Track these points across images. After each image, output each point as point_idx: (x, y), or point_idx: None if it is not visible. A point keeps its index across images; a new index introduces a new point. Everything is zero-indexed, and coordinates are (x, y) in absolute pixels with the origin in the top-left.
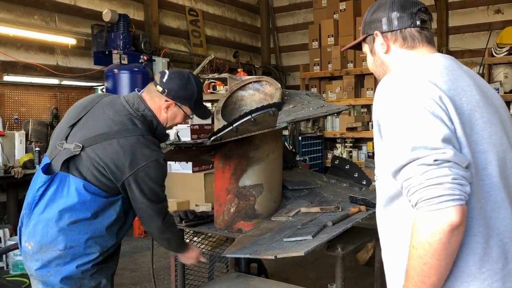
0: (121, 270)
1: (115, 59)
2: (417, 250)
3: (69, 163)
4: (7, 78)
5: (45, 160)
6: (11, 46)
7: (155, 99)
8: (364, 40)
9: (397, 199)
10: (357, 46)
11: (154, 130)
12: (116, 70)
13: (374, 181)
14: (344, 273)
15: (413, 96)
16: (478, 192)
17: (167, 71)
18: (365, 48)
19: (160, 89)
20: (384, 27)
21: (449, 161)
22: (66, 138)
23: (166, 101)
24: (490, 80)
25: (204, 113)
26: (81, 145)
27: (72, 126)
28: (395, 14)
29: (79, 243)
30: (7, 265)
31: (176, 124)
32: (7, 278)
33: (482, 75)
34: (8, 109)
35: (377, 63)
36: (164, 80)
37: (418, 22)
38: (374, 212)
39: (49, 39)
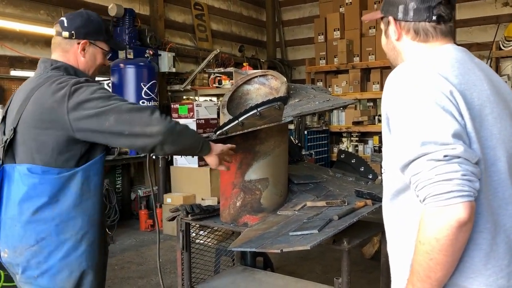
0: (127, 264)
1: (121, 54)
2: (424, 246)
3: (11, 152)
4: (14, 73)
5: None
6: (18, 41)
7: (66, 49)
8: (381, 18)
9: (404, 192)
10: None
11: (76, 77)
12: (122, 65)
13: (381, 174)
14: (350, 267)
15: (423, 90)
16: (486, 189)
17: (63, 17)
18: (381, 25)
19: (67, 33)
20: (399, 15)
21: (459, 157)
22: (4, 134)
23: (78, 43)
24: (498, 73)
25: (119, 44)
26: (12, 128)
27: (2, 121)
28: (412, 5)
29: (49, 232)
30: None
31: (99, 66)
32: None
33: (491, 69)
34: None
35: (390, 47)
36: (66, 24)
37: (434, 17)
38: (380, 206)
39: None
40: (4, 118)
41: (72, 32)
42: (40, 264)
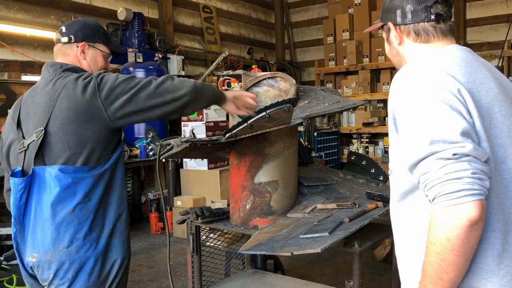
0: (138, 267)
1: (130, 58)
2: (434, 246)
3: (41, 155)
4: (25, 78)
5: (15, 169)
6: (29, 46)
7: (66, 53)
8: (382, 27)
9: (412, 193)
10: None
11: None
12: (131, 69)
13: (389, 175)
14: (361, 270)
15: (430, 89)
16: (497, 187)
17: (62, 26)
18: (383, 34)
19: (66, 38)
20: (398, 20)
21: (468, 155)
22: (23, 138)
23: (77, 46)
24: (510, 73)
25: (119, 47)
26: (42, 128)
27: (18, 126)
28: (409, 7)
29: (84, 231)
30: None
31: (101, 69)
32: None
33: (502, 68)
34: None
35: (393, 53)
36: (64, 30)
37: (432, 17)
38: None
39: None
40: (19, 124)
41: (71, 36)
42: (74, 264)
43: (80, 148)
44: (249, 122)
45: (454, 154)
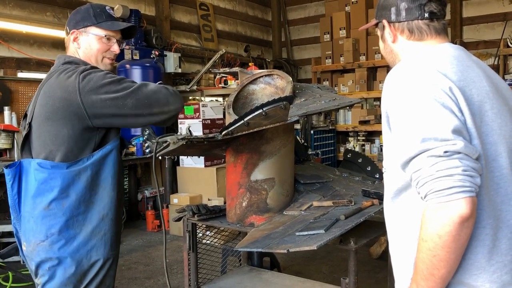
0: (134, 264)
1: (126, 55)
2: (426, 243)
3: (28, 148)
4: (21, 74)
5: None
6: (25, 43)
7: (67, 45)
8: (376, 24)
9: (405, 191)
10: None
11: None
12: (128, 66)
13: (382, 173)
14: (357, 267)
15: (422, 87)
16: (488, 184)
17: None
18: (377, 32)
19: (65, 31)
20: (392, 17)
21: (459, 153)
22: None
23: (70, 36)
24: (505, 71)
25: (114, 24)
26: (28, 122)
27: (24, 118)
28: (403, 5)
29: (59, 227)
30: (23, 260)
31: (99, 53)
32: (23, 272)
33: (497, 67)
34: (22, 105)
35: (387, 50)
36: (66, 25)
37: (426, 15)
38: None
39: (62, 35)
40: (26, 115)
41: (66, 27)
42: (51, 259)
43: (57, 145)
44: (245, 119)
45: (446, 152)
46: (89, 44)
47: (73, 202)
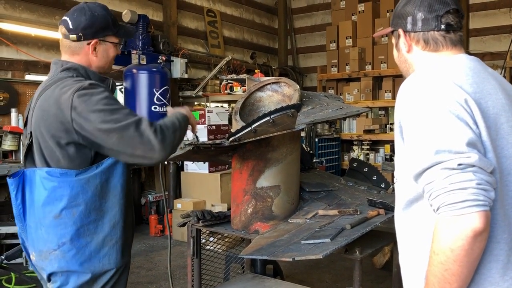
0: (137, 269)
1: (134, 59)
2: (438, 256)
3: (31, 157)
4: (28, 77)
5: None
6: (33, 46)
7: (76, 51)
8: (392, 32)
9: (417, 202)
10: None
11: (87, 79)
12: (135, 70)
13: (393, 183)
14: (361, 277)
15: (437, 98)
16: (503, 198)
17: (65, 17)
18: (392, 40)
19: (74, 36)
20: (408, 27)
21: (473, 166)
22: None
23: (88, 43)
24: None
25: (128, 31)
26: (30, 132)
27: (26, 124)
28: (420, 15)
29: (70, 236)
30: (26, 261)
31: (113, 59)
32: (27, 274)
33: (504, 78)
34: None
35: (401, 59)
36: (71, 26)
37: (443, 26)
38: (393, 216)
39: None
40: (26, 121)
41: (80, 34)
42: (63, 268)
43: (55, 156)
44: (253, 126)
45: (460, 164)
46: (106, 52)
47: (83, 211)
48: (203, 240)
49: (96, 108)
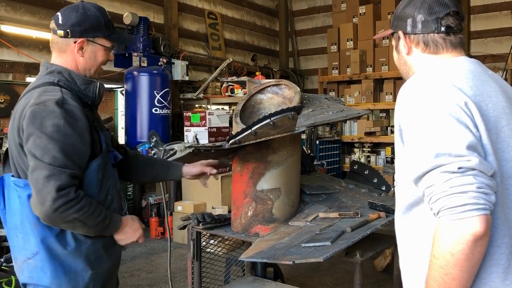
0: (137, 271)
1: (135, 62)
2: (438, 260)
3: (8, 164)
4: (29, 79)
5: None
6: (34, 48)
7: (62, 48)
8: (392, 34)
9: (417, 206)
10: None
11: (71, 83)
12: (135, 73)
13: (394, 186)
14: (362, 280)
15: (437, 101)
16: (503, 202)
17: (58, 13)
18: (392, 42)
19: (62, 32)
20: (408, 29)
21: (473, 169)
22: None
23: (75, 42)
24: None
25: (122, 38)
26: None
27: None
28: (420, 17)
29: (45, 245)
30: None
31: (102, 64)
32: None
33: (505, 81)
34: None
35: (401, 62)
36: (60, 21)
37: (443, 28)
38: (394, 219)
39: None
40: None
41: (67, 30)
42: (36, 279)
43: (25, 164)
44: (253, 129)
45: (460, 168)
46: (94, 54)
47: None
48: (204, 243)
49: (38, 132)
